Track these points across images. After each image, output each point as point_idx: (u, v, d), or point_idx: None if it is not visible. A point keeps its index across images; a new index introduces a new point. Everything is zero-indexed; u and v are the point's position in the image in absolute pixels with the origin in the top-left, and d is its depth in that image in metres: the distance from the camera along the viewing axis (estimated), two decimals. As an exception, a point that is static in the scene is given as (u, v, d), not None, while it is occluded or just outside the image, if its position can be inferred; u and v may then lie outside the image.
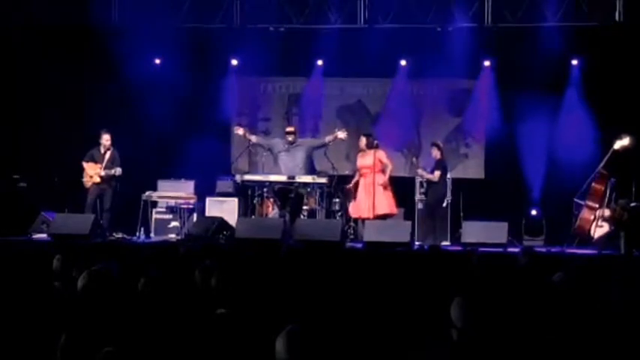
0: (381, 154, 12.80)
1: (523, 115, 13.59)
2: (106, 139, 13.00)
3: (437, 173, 13.01)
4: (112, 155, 13.00)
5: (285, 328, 2.96)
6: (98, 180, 12.92)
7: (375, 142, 12.84)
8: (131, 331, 4.34)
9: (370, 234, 11.83)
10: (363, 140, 12.90)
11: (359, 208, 12.80)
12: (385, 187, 12.71)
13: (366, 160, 12.82)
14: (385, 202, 12.68)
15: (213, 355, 4.30)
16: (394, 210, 12.87)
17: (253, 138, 13.45)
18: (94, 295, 4.80)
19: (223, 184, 13.96)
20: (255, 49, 13.91)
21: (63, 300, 5.14)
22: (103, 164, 12.95)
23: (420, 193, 13.54)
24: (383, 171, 12.76)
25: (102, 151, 13.04)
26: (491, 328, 3.95)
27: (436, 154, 13.18)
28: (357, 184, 13.03)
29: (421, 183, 13.53)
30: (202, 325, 4.50)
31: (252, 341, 3.15)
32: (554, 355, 4.33)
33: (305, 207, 13.22)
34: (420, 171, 13.34)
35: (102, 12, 13.58)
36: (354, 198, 12.96)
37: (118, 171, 12.78)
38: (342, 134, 12.91)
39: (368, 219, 12.50)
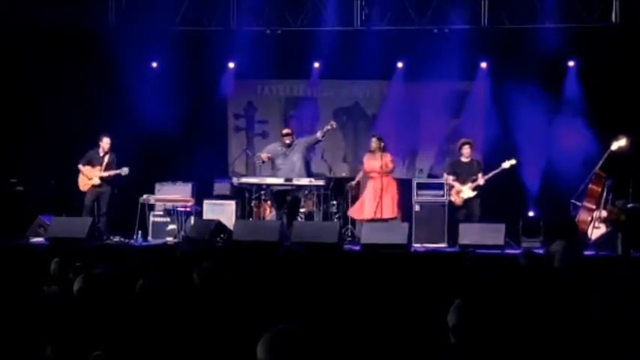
0: (388, 158, 12.73)
1: (520, 117, 13.60)
2: (106, 142, 13.01)
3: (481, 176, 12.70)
4: (110, 158, 13.00)
5: (266, 333, 2.94)
6: (97, 182, 12.92)
7: (383, 144, 12.76)
8: (128, 334, 4.33)
9: (368, 236, 11.81)
10: (375, 142, 12.80)
11: (362, 210, 12.76)
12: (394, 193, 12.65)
13: (375, 162, 12.74)
14: (390, 207, 12.63)
15: (211, 357, 4.30)
16: (397, 214, 12.82)
17: (264, 155, 12.88)
18: (90, 298, 4.78)
19: (221, 187, 13.97)
20: (251, 51, 13.92)
21: (59, 303, 5.13)
22: (103, 167, 12.95)
23: (418, 195, 13.48)
24: (388, 174, 12.73)
25: (100, 153, 13.04)
26: (489, 330, 3.94)
27: (471, 151, 12.85)
28: (358, 185, 12.99)
29: (418, 185, 13.47)
30: (200, 328, 4.50)
31: (249, 343, 3.14)
32: (553, 355, 4.33)
33: (302, 209, 13.22)
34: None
35: (99, 15, 13.58)
36: (358, 198, 12.91)
37: (124, 170, 12.79)
38: (329, 126, 12.51)
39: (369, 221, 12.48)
